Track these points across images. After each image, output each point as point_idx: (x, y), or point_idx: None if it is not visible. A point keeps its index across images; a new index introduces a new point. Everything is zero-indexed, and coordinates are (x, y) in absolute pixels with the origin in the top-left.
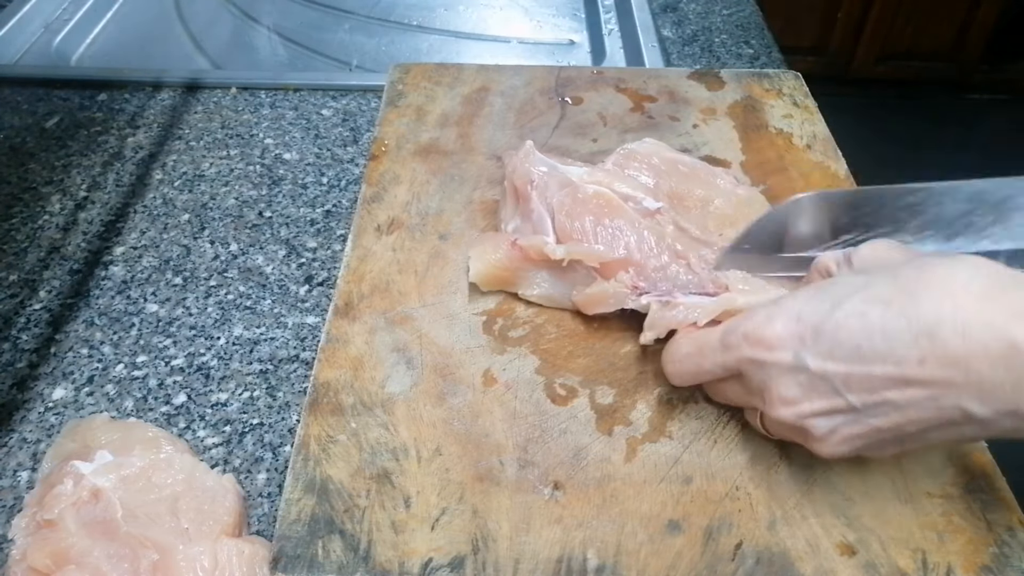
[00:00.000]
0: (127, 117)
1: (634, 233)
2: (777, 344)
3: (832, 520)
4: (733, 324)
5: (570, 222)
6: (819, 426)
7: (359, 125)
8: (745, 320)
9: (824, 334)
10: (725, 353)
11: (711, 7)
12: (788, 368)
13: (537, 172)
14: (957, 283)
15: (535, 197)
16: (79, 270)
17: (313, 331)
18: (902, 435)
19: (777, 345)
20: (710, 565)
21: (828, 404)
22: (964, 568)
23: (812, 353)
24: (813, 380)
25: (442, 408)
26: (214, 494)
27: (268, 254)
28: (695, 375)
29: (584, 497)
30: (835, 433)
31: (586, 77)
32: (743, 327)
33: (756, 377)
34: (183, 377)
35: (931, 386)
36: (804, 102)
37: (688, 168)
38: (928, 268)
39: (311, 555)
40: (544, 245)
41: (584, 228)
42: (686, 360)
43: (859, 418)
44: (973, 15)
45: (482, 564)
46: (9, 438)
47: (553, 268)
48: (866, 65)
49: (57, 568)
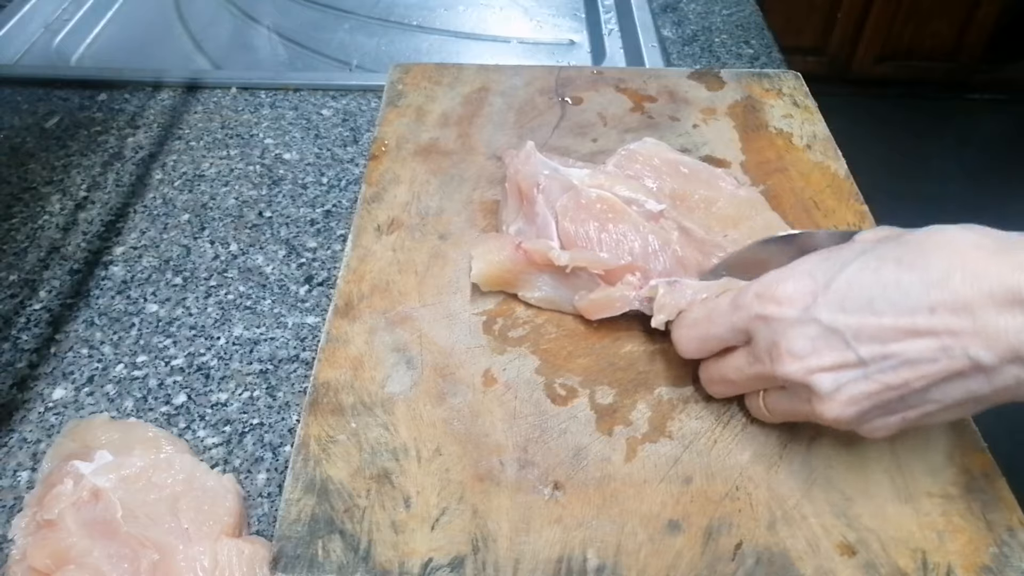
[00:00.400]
0: (127, 117)
1: (638, 238)
2: (787, 300)
3: (832, 520)
4: (744, 287)
5: (574, 228)
6: (826, 382)
7: (359, 125)
8: (756, 282)
9: (836, 288)
10: (735, 313)
11: (711, 7)
12: (798, 321)
13: (543, 175)
14: (966, 242)
15: (540, 201)
16: (79, 270)
17: (313, 331)
18: (909, 393)
19: (787, 301)
20: (710, 565)
21: (838, 357)
22: (964, 568)
23: (823, 306)
24: (824, 332)
25: (442, 408)
26: (214, 494)
27: (268, 254)
28: (704, 340)
29: (584, 497)
30: (841, 391)
31: (586, 77)
32: (755, 287)
33: (765, 335)
34: (183, 377)
35: (941, 335)
36: (804, 102)
37: (689, 169)
38: (935, 232)
39: (311, 555)
40: (549, 250)
41: (588, 234)
42: (696, 326)
43: (867, 373)
44: (973, 15)
45: (482, 564)
46: (9, 438)
47: (556, 272)
48: (866, 65)
49: (57, 568)
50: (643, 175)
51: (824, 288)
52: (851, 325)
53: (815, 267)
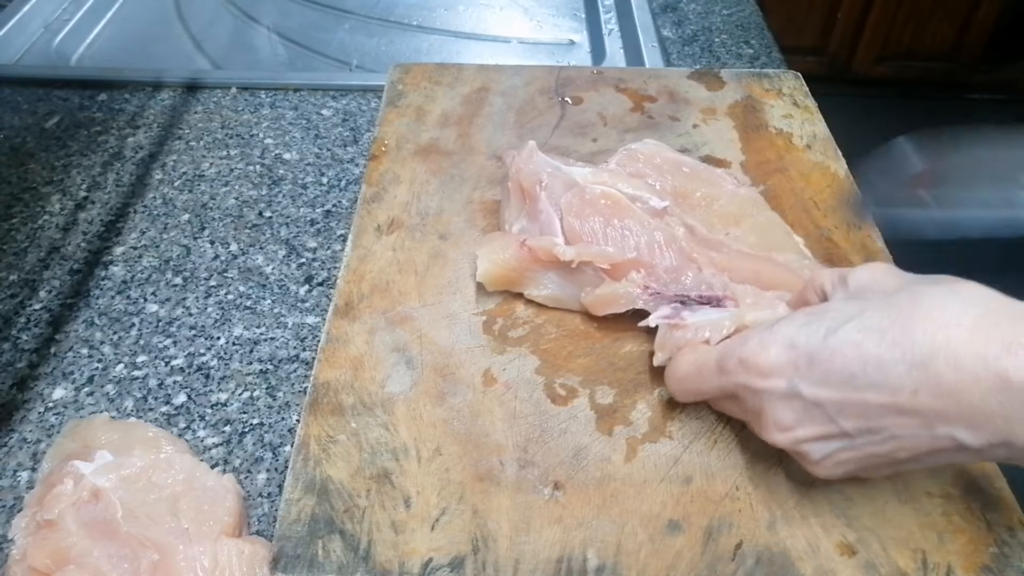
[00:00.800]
0: (127, 117)
1: (644, 233)
2: (771, 371)
3: (832, 520)
4: (730, 348)
5: (579, 223)
6: (814, 451)
7: (359, 125)
8: (741, 345)
9: (818, 362)
10: (722, 377)
11: (711, 7)
12: (782, 395)
13: (545, 173)
14: (950, 314)
15: (544, 198)
16: (79, 270)
17: (313, 331)
18: (895, 460)
19: (771, 372)
20: (710, 565)
21: (822, 430)
22: (964, 568)
23: (806, 381)
24: (807, 407)
25: (442, 408)
26: (214, 494)
27: (268, 254)
28: (695, 394)
29: (584, 497)
30: (829, 458)
31: (586, 77)
32: (739, 352)
33: (751, 402)
34: (183, 377)
35: (924, 416)
36: (804, 102)
37: (690, 168)
38: (922, 297)
39: (311, 555)
40: (554, 246)
41: (594, 230)
42: (685, 381)
43: (853, 443)
44: (973, 15)
45: (482, 564)
46: (9, 438)
47: (561, 269)
48: (866, 65)
49: (57, 568)
50: (645, 173)
51: (807, 361)
52: (834, 401)
53: (798, 333)
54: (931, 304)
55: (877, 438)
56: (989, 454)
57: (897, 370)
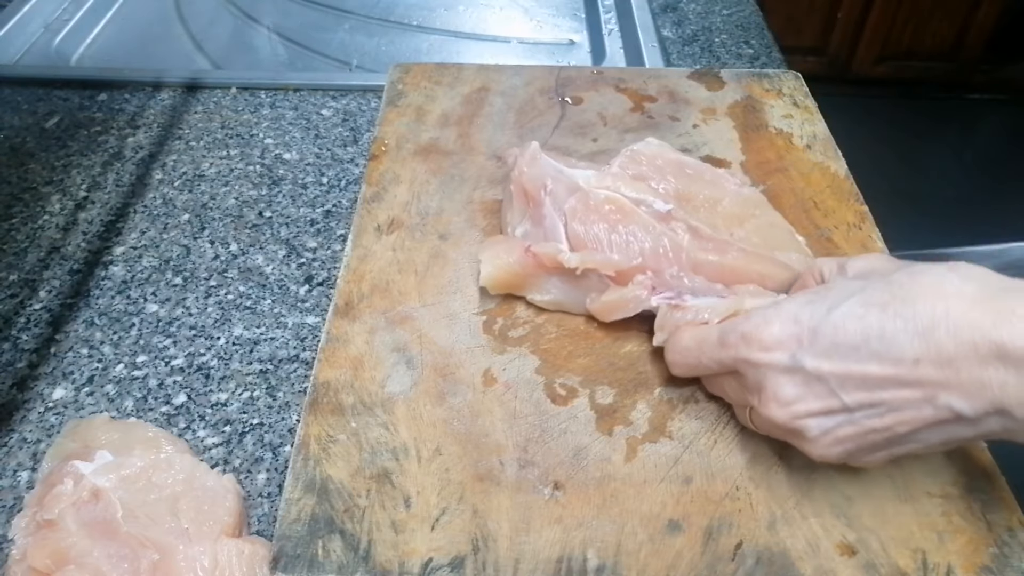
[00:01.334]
0: (127, 117)
1: (648, 238)
2: (774, 345)
3: (832, 520)
4: (733, 324)
5: (584, 229)
6: (812, 427)
7: (359, 125)
8: (743, 321)
9: (822, 335)
10: (723, 351)
11: (711, 7)
12: (784, 368)
13: (549, 177)
14: (950, 287)
15: (548, 203)
16: (79, 270)
17: (313, 331)
18: (894, 436)
19: (774, 346)
20: (710, 565)
21: (823, 404)
22: (964, 568)
23: (809, 353)
24: (809, 380)
25: (442, 408)
26: (214, 494)
27: (268, 254)
28: (694, 368)
29: (584, 497)
30: (828, 434)
31: (586, 77)
32: (741, 327)
33: (752, 377)
34: (183, 377)
35: (925, 386)
36: (804, 102)
37: (693, 169)
38: (922, 274)
39: (311, 555)
40: (559, 253)
41: (598, 236)
42: (686, 353)
43: (853, 418)
44: (973, 15)
45: (482, 564)
46: (9, 438)
47: (565, 274)
48: (866, 65)
49: (57, 568)
50: (648, 176)
51: (810, 334)
52: (836, 373)
53: (801, 310)
54: (931, 280)
55: (877, 411)
56: (985, 425)
57: (900, 340)
